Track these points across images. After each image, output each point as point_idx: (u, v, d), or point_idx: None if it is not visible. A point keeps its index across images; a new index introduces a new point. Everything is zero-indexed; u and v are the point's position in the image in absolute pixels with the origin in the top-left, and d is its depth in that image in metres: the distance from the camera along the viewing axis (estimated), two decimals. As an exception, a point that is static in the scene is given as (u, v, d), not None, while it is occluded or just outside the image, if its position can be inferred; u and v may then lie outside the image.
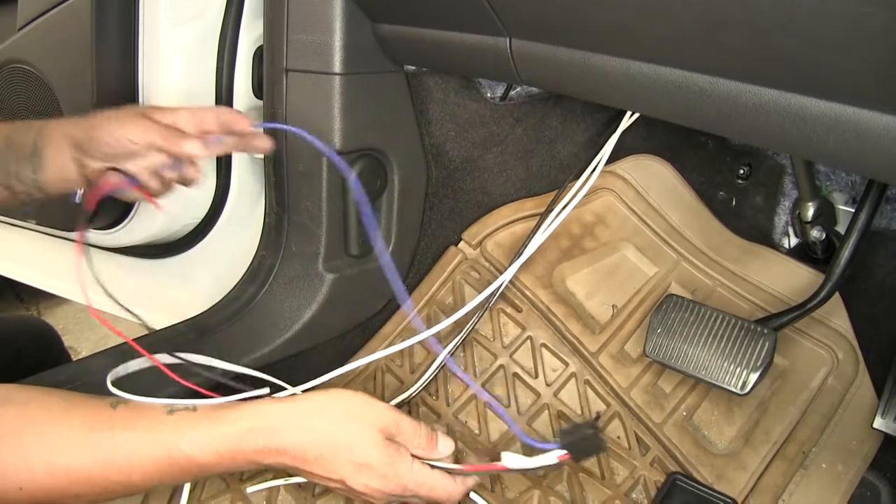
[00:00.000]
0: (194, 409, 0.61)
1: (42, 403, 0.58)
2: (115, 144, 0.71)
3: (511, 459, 0.67)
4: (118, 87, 0.98)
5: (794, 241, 1.01)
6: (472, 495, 0.82)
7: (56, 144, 0.72)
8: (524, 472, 0.71)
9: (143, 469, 0.58)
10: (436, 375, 0.95)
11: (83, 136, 0.72)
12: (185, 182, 0.77)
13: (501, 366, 0.98)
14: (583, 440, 0.66)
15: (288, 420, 0.61)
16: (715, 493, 0.82)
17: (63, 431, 0.56)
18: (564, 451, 0.66)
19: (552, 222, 0.97)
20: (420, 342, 0.98)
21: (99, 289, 0.70)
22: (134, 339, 0.78)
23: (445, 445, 0.67)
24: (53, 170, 0.73)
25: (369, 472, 0.61)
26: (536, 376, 0.97)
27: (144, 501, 0.80)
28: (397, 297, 0.73)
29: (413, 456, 0.64)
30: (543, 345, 0.98)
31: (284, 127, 0.89)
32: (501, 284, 0.96)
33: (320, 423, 0.61)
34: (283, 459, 0.61)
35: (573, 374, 0.95)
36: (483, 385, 0.97)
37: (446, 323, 0.92)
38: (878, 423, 0.79)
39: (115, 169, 0.74)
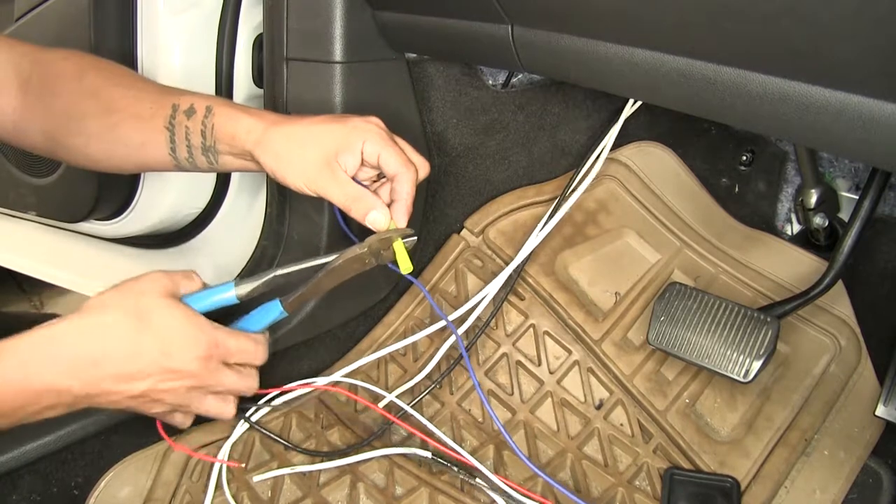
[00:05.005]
0: None
1: None
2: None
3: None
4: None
5: (796, 227, 1.01)
6: (479, 480, 0.83)
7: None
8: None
9: None
10: (439, 364, 0.96)
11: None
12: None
13: (504, 354, 0.98)
14: None
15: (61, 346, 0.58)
16: (714, 477, 0.83)
17: None
18: None
19: (561, 210, 0.97)
20: (437, 346, 0.99)
21: (102, 279, 0.69)
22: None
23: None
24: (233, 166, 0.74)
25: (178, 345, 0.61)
26: (539, 364, 0.97)
27: (149, 496, 0.81)
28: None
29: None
30: (546, 332, 0.98)
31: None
32: (514, 276, 0.97)
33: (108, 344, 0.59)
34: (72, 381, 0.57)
35: (576, 362, 0.95)
36: (486, 373, 0.98)
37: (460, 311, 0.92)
38: (881, 410, 0.79)
39: None
